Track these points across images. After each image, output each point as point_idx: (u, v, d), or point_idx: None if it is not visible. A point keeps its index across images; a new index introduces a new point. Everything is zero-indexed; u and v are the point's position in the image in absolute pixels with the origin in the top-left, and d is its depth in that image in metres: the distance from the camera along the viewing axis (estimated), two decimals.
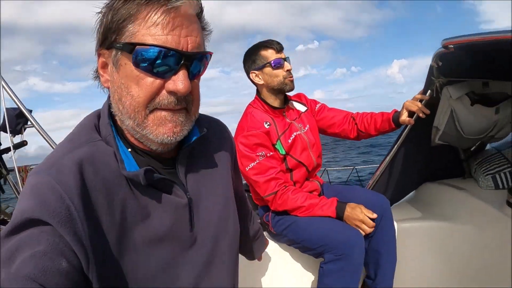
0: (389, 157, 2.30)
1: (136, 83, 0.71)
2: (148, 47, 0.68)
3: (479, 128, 2.16)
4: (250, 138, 1.86)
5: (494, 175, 2.28)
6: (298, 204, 1.83)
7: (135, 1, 0.68)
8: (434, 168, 2.54)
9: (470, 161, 2.49)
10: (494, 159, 2.36)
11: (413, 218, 2.31)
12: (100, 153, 0.73)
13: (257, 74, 1.99)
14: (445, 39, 1.66)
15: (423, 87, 2.03)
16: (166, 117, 0.74)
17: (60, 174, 0.66)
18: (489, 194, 2.20)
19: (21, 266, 0.55)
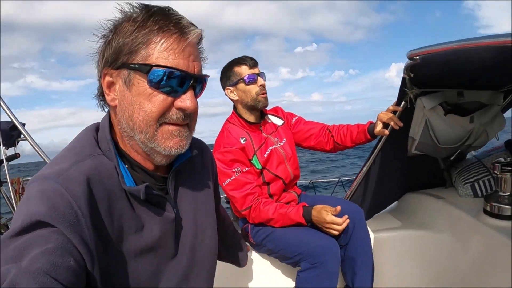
0: (366, 167, 2.34)
1: (149, 100, 0.79)
2: (163, 68, 0.77)
3: (454, 137, 2.20)
4: (226, 155, 1.91)
5: (473, 184, 2.30)
6: (269, 216, 1.88)
7: (147, 28, 0.77)
8: (416, 178, 2.58)
9: (450, 170, 2.53)
10: (474, 168, 2.39)
11: (391, 228, 2.33)
12: (103, 167, 0.79)
13: (232, 90, 2.03)
14: (410, 51, 1.70)
15: (397, 98, 2.07)
16: (174, 132, 0.83)
17: (68, 183, 0.71)
18: (467, 203, 2.23)
19: (32, 261, 0.58)
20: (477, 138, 2.28)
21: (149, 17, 0.78)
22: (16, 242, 0.62)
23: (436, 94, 2.06)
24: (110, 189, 0.79)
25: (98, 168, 0.78)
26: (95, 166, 0.78)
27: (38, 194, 0.68)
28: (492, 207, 1.92)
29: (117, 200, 0.80)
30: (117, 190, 0.80)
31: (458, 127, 2.15)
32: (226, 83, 2.05)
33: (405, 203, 2.60)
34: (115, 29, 0.81)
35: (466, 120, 2.13)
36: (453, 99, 2.12)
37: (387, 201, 2.66)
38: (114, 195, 0.79)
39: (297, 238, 1.83)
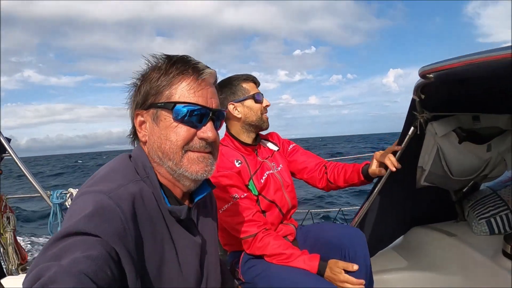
0: (371, 198, 2.08)
1: (175, 132, 0.92)
2: (185, 104, 0.92)
3: (470, 168, 1.95)
4: (221, 179, 1.72)
5: (489, 219, 2.06)
6: (280, 250, 1.66)
7: (170, 73, 0.93)
8: (423, 210, 2.33)
9: (463, 203, 2.28)
10: (489, 201, 2.14)
11: (396, 269, 2.09)
12: (144, 191, 0.89)
13: (236, 106, 1.84)
14: (422, 67, 1.46)
15: (404, 125, 1.83)
16: (199, 158, 0.95)
17: (119, 200, 0.79)
18: (482, 241, 1.99)
19: (74, 263, 0.61)
20: (495, 168, 2.03)
21: (171, 65, 0.94)
22: (59, 245, 0.66)
23: (449, 119, 1.82)
24: (151, 212, 0.88)
25: (139, 192, 0.87)
26: (138, 189, 0.87)
27: (92, 205, 0.74)
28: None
29: (157, 222, 0.89)
30: (156, 212, 0.90)
31: (474, 156, 1.90)
32: (230, 98, 1.85)
33: (411, 239, 2.34)
34: (143, 78, 0.97)
35: (483, 149, 1.89)
36: (468, 124, 1.89)
37: (391, 235, 2.40)
38: (155, 216, 0.89)
39: (297, 283, 1.59)
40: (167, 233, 0.91)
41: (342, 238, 1.72)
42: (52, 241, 0.67)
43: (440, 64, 1.33)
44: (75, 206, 0.76)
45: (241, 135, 1.87)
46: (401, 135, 1.90)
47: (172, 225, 0.93)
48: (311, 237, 1.85)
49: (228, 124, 1.90)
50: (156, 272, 0.85)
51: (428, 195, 2.21)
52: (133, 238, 0.78)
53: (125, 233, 0.75)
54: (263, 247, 1.69)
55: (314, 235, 1.86)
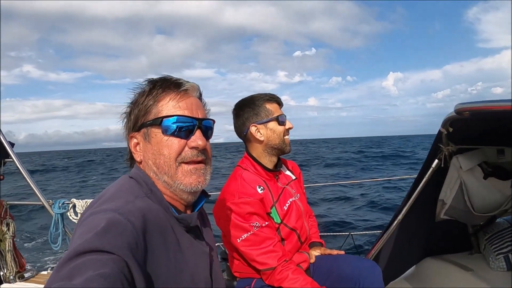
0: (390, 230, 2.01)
1: (166, 146, 0.95)
2: (171, 117, 0.95)
3: (493, 203, 1.91)
4: (242, 206, 1.65)
5: (507, 255, 2.01)
6: (297, 286, 1.60)
7: (154, 93, 0.97)
8: (438, 241, 2.27)
9: (479, 235, 2.21)
10: (507, 235, 2.10)
11: None
12: (151, 205, 0.91)
13: (259, 128, 1.76)
14: (459, 104, 1.42)
15: (427, 155, 1.77)
16: (191, 170, 0.97)
17: (129, 215, 0.80)
18: (500, 277, 1.95)
19: (87, 282, 0.62)
20: None
21: (154, 85, 0.98)
22: (71, 264, 0.66)
23: (474, 152, 1.77)
24: (160, 224, 0.90)
25: (146, 207, 0.88)
26: (144, 206, 0.88)
27: (103, 223, 0.74)
28: None
29: (168, 234, 0.91)
30: (165, 224, 0.92)
31: (498, 192, 1.85)
32: (252, 119, 1.77)
33: (424, 270, 2.28)
34: (132, 105, 1.01)
35: (507, 185, 1.84)
36: (493, 158, 1.84)
37: (405, 265, 2.34)
38: (165, 229, 0.91)
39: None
40: (178, 243, 0.93)
41: (358, 272, 1.65)
42: (65, 260, 0.67)
43: (478, 104, 1.30)
44: (85, 226, 0.76)
45: (262, 158, 1.80)
46: (423, 167, 1.84)
47: (181, 235, 0.96)
48: (324, 267, 1.79)
49: (249, 146, 1.83)
50: (173, 282, 0.87)
51: (443, 226, 2.17)
52: (146, 252, 0.80)
53: (137, 247, 0.76)
54: (281, 280, 1.63)
55: (328, 265, 1.79)
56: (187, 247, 0.96)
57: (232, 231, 1.66)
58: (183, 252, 0.94)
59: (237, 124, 1.83)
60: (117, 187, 0.95)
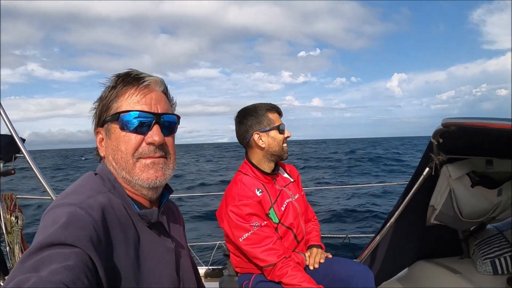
0: (382, 233, 2.14)
1: (123, 141, 0.95)
2: (128, 112, 0.94)
3: (480, 210, 2.03)
4: (242, 208, 1.78)
5: (494, 260, 2.13)
6: (295, 282, 1.73)
7: (116, 88, 0.97)
8: (430, 245, 2.39)
9: (469, 240, 2.34)
10: (495, 241, 2.21)
11: None
12: (112, 201, 0.91)
13: (261, 136, 1.90)
14: (446, 118, 1.55)
15: (419, 164, 1.90)
16: (149, 165, 0.96)
17: (90, 210, 0.80)
18: (486, 280, 2.07)
19: (53, 273, 0.62)
20: (503, 211, 2.10)
21: (117, 79, 0.98)
22: (35, 257, 0.66)
23: (463, 162, 1.89)
24: (121, 220, 0.89)
25: (108, 202, 0.89)
26: (107, 200, 0.89)
27: (64, 216, 0.75)
28: None
29: (129, 229, 0.90)
30: (127, 220, 0.91)
31: (485, 200, 1.97)
32: (255, 127, 1.90)
33: (416, 272, 2.41)
34: (99, 100, 1.01)
35: (494, 193, 1.96)
36: (481, 168, 1.96)
37: (397, 268, 2.47)
38: (126, 225, 0.90)
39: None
40: (139, 239, 0.93)
41: (352, 275, 1.77)
42: (28, 254, 0.67)
43: (463, 120, 1.42)
44: (47, 219, 0.76)
45: (261, 164, 1.93)
46: (414, 175, 1.97)
47: (144, 231, 0.95)
48: (320, 269, 1.90)
49: (250, 152, 1.95)
50: (132, 278, 0.86)
51: (435, 231, 2.29)
52: (106, 246, 0.79)
53: (98, 240, 0.76)
54: (281, 276, 1.75)
55: (323, 267, 1.91)
56: (149, 243, 0.95)
57: (234, 231, 1.79)
58: (144, 248, 0.93)
59: (240, 130, 1.95)
60: (80, 182, 0.96)
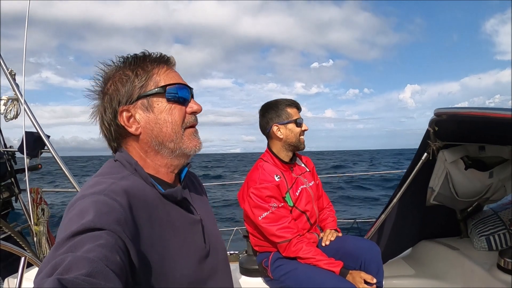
0: (386, 212, 2.42)
1: (170, 113, 1.00)
2: (175, 85, 1.02)
3: (473, 191, 2.29)
4: (262, 190, 2.02)
5: (488, 237, 2.38)
6: (309, 255, 1.98)
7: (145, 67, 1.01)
8: (432, 226, 2.68)
9: (467, 221, 2.61)
10: (490, 221, 2.47)
11: (404, 276, 2.42)
12: (135, 183, 0.95)
13: (280, 128, 2.15)
14: (437, 109, 1.81)
15: (418, 149, 2.16)
16: (194, 133, 1.05)
17: (114, 195, 0.84)
18: (481, 255, 2.31)
19: (87, 251, 0.66)
20: (495, 192, 2.37)
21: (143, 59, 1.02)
22: (68, 243, 0.69)
23: (458, 148, 2.16)
24: (145, 200, 0.92)
25: (131, 185, 0.92)
26: (128, 184, 0.92)
27: (89, 206, 0.78)
28: (506, 263, 2.00)
29: (154, 209, 0.94)
30: (151, 200, 0.95)
31: (477, 181, 2.24)
32: (275, 120, 2.16)
33: (419, 251, 2.68)
34: (110, 81, 1.02)
35: (486, 175, 2.22)
36: (474, 153, 2.23)
37: (402, 247, 2.75)
38: (151, 205, 0.94)
39: (321, 281, 1.89)
40: (165, 216, 0.97)
41: (360, 250, 2.00)
42: (62, 241, 0.70)
43: (454, 109, 1.69)
44: (74, 211, 0.79)
45: (280, 153, 2.19)
46: (414, 160, 2.24)
47: (169, 208, 0.99)
48: (332, 247, 2.12)
49: (270, 143, 2.23)
50: (160, 255, 0.90)
51: (436, 213, 2.57)
52: (134, 228, 0.83)
53: (126, 223, 0.79)
54: (296, 251, 2.00)
55: (335, 245, 2.14)
56: (177, 219, 1.00)
57: (254, 210, 2.03)
58: (171, 225, 0.97)
59: (262, 122, 2.22)
60: (101, 171, 1.00)
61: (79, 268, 0.61)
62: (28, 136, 3.20)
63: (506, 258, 1.99)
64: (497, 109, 1.46)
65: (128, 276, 0.73)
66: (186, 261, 0.99)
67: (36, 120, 3.21)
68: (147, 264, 0.85)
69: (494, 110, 1.54)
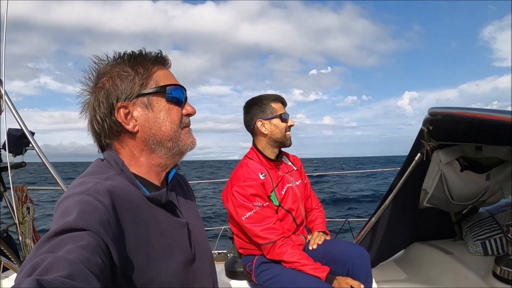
0: (377, 214, 2.35)
1: (170, 113, 1.03)
2: (173, 87, 1.04)
3: (469, 194, 2.22)
4: (246, 189, 1.96)
5: (484, 241, 2.32)
6: (294, 259, 1.91)
7: (145, 64, 1.02)
8: (424, 228, 2.62)
9: (461, 223, 2.54)
10: (486, 224, 2.40)
11: (396, 280, 2.36)
12: (120, 184, 0.95)
13: (264, 123, 2.08)
14: (432, 108, 1.74)
15: (411, 149, 2.09)
16: (189, 132, 1.08)
17: (98, 195, 0.84)
18: (476, 261, 2.25)
19: (67, 252, 0.65)
20: (492, 195, 2.30)
21: (142, 58, 1.03)
22: (50, 242, 0.69)
23: (453, 148, 2.09)
24: (130, 201, 0.93)
25: (116, 185, 0.92)
26: (113, 184, 0.92)
27: (73, 205, 0.79)
28: (502, 271, 1.94)
29: (139, 210, 0.94)
30: (136, 201, 0.95)
31: (474, 184, 2.17)
32: (258, 115, 2.10)
33: (411, 253, 2.62)
34: (106, 76, 1.01)
35: (482, 178, 2.15)
36: (471, 153, 2.16)
37: (394, 249, 2.69)
38: (136, 206, 0.94)
39: None
40: (151, 218, 0.96)
41: (348, 255, 1.93)
42: (43, 240, 0.70)
43: (448, 110, 1.62)
44: (59, 210, 0.80)
45: (266, 150, 2.12)
46: (406, 160, 2.17)
47: (154, 210, 0.99)
48: (319, 250, 2.05)
49: (255, 139, 2.15)
50: (144, 257, 0.89)
51: (429, 214, 2.50)
52: (117, 228, 0.83)
53: (108, 223, 0.79)
54: (281, 254, 1.92)
55: (322, 249, 2.07)
56: (162, 221, 1.00)
57: (237, 210, 1.95)
58: (156, 227, 0.97)
59: (246, 119, 2.15)
60: (88, 170, 1.01)
61: (59, 269, 0.61)
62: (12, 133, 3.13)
63: (502, 266, 1.91)
64: (495, 111, 1.39)
65: (108, 278, 0.72)
66: (171, 264, 0.98)
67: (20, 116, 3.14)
68: (130, 266, 0.86)
69: (491, 112, 1.47)
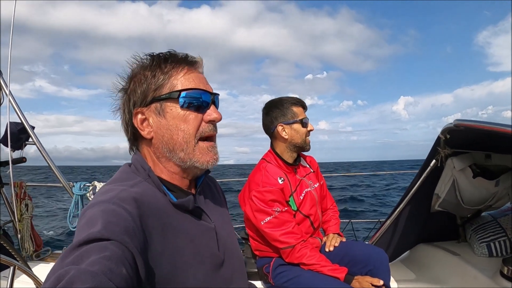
0: (393, 217, 2.45)
1: (184, 121, 0.97)
2: (190, 90, 0.97)
3: (479, 199, 2.35)
4: (265, 194, 1.98)
5: (489, 243, 2.45)
6: (313, 261, 1.95)
7: (165, 68, 0.98)
8: (430, 230, 2.73)
9: (466, 226, 2.66)
10: (490, 227, 2.54)
11: (404, 280, 2.47)
12: (147, 191, 0.93)
13: (285, 127, 2.10)
14: (457, 120, 1.84)
15: (427, 156, 2.19)
16: (208, 148, 1.01)
17: (123, 203, 0.83)
18: (482, 262, 2.37)
19: (91, 264, 0.65)
20: (499, 200, 2.43)
21: (164, 60, 0.99)
22: (74, 253, 0.68)
23: (466, 155, 2.20)
24: (156, 207, 0.91)
25: (142, 192, 0.91)
26: (139, 191, 0.90)
27: (98, 215, 0.78)
28: (509, 271, 2.05)
29: (166, 217, 0.92)
30: (163, 208, 0.94)
31: (484, 189, 2.30)
32: (280, 119, 2.10)
33: (418, 254, 2.75)
34: (132, 80, 1.01)
35: (492, 184, 2.28)
36: (481, 161, 2.27)
37: (400, 250, 2.82)
38: (162, 212, 0.92)
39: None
40: (178, 224, 0.95)
41: (369, 257, 1.99)
42: (68, 251, 0.70)
43: (472, 123, 1.72)
44: (84, 219, 0.80)
45: (284, 154, 2.15)
46: (423, 165, 2.27)
47: (182, 216, 0.97)
48: (338, 252, 2.10)
49: (274, 143, 2.19)
50: (172, 264, 0.88)
51: (435, 217, 2.64)
52: (143, 236, 0.82)
53: (134, 231, 0.78)
54: (300, 257, 1.98)
55: (341, 250, 2.12)
56: (190, 227, 0.98)
57: (256, 214, 1.99)
58: (183, 233, 0.95)
59: (266, 121, 2.17)
60: (116, 177, 0.99)
61: (82, 282, 0.60)
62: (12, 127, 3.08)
63: (509, 267, 2.04)
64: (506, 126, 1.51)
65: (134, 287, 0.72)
66: (200, 269, 0.97)
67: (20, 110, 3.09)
68: (157, 274, 0.84)
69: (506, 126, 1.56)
